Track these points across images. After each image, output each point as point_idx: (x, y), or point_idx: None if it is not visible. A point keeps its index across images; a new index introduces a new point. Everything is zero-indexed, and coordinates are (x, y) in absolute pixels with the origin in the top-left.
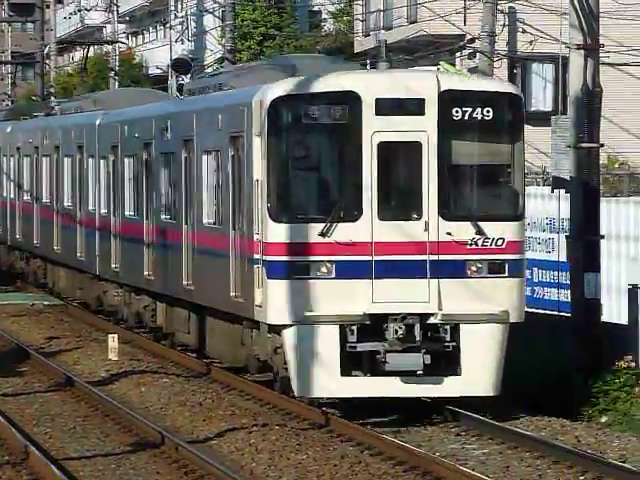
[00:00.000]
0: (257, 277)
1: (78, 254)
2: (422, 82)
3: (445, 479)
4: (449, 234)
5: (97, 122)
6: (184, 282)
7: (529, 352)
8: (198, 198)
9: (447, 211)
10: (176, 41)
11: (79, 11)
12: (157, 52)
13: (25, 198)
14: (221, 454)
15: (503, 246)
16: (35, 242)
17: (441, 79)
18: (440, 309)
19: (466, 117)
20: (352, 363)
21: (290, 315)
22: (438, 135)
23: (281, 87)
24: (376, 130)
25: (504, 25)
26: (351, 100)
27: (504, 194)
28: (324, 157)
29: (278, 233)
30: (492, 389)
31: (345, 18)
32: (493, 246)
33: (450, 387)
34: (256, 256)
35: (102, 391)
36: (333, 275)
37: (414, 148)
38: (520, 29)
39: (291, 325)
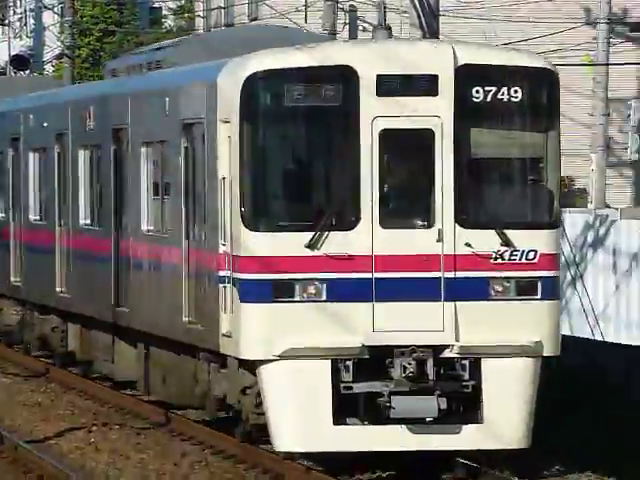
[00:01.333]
0: (224, 299)
1: None
2: (435, 55)
3: (286, 478)
4: (468, 245)
5: None
6: (112, 302)
7: None
8: (133, 200)
9: (466, 217)
10: (15, 37)
11: None
12: None
13: None
14: (61, 453)
15: (535, 260)
16: None
17: (458, 51)
18: (457, 340)
19: (489, 98)
20: (347, 408)
21: (269, 348)
22: (454, 121)
23: (258, 61)
24: (377, 115)
25: (345, 23)
26: (346, 77)
27: (536, 195)
28: (312, 149)
29: (254, 245)
30: (521, 441)
31: (186, 15)
32: (523, 260)
33: (469, 438)
34: (222, 273)
35: None
36: (323, 297)
37: (425, 137)
38: (361, 27)
39: (270, 361)
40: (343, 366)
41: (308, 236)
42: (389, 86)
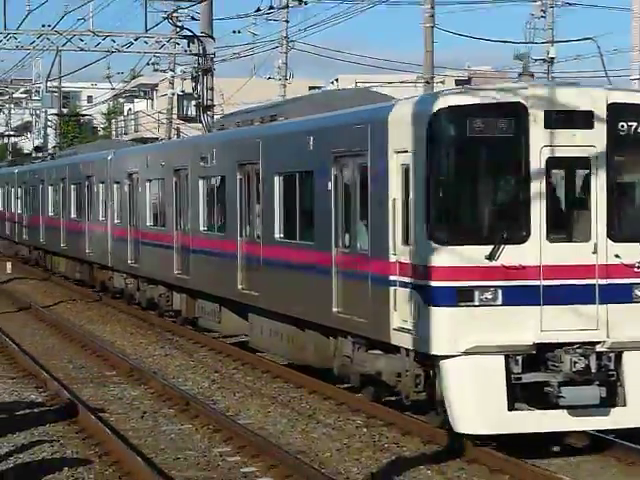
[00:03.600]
0: (394, 300)
1: (87, 250)
2: (590, 94)
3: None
4: (617, 256)
5: (109, 157)
6: (239, 286)
7: None
8: (266, 215)
9: (615, 232)
10: (36, 139)
11: None
12: (26, 142)
13: (52, 214)
14: (57, 313)
15: None
16: (42, 241)
17: (608, 92)
18: (608, 336)
19: (631, 132)
20: (516, 396)
21: (454, 345)
22: (607, 150)
23: (444, 99)
24: (544, 144)
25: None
26: (518, 112)
27: None
28: (489, 173)
29: (441, 256)
30: None
31: (108, 128)
32: None
33: (617, 419)
34: (392, 277)
35: (5, 287)
36: (499, 302)
37: (582, 164)
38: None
39: (454, 356)
40: (513, 360)
41: (487, 249)
42: (554, 120)
